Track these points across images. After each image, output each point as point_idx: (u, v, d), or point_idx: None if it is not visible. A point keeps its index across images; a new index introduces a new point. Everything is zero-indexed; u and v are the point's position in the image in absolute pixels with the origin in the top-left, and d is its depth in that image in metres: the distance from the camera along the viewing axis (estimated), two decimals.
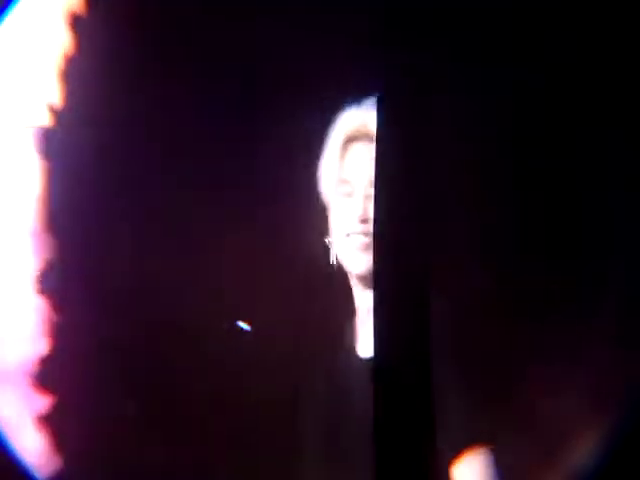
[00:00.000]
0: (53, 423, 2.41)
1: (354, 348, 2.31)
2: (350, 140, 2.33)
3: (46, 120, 2.49)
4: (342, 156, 2.33)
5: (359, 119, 2.33)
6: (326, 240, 2.34)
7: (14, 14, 2.44)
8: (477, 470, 2.08)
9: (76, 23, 2.48)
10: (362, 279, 2.28)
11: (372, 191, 2.26)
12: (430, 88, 1.86)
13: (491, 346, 2.21)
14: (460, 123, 2.40)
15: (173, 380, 2.47)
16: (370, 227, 2.24)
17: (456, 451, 2.07)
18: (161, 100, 2.51)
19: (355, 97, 2.35)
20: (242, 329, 2.53)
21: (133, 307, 2.47)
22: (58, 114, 2.49)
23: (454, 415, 2.05)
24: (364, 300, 2.29)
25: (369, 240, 2.23)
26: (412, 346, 1.80)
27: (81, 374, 2.42)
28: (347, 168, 2.32)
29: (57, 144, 2.49)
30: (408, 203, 1.85)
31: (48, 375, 2.43)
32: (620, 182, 2.41)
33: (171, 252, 2.49)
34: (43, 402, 2.42)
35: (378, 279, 1.85)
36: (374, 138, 2.28)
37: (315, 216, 2.37)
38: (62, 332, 2.44)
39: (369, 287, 2.26)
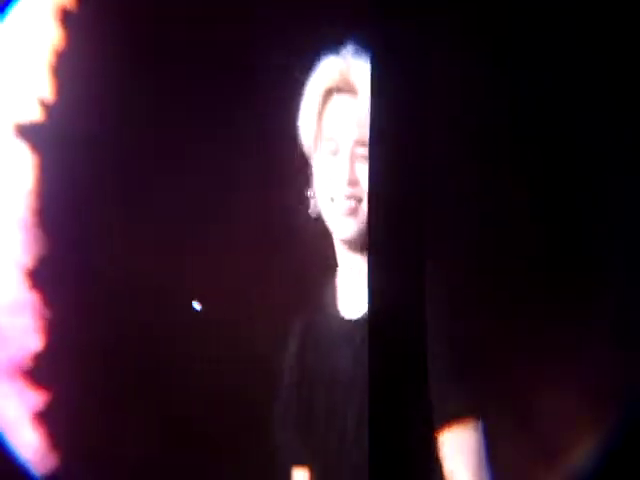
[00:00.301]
0: (48, 420, 2.40)
1: (335, 307, 2.25)
2: (330, 92, 2.19)
3: (38, 114, 2.45)
4: (322, 109, 2.19)
5: (340, 68, 2.19)
6: (307, 194, 2.25)
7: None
8: (463, 442, 2.06)
9: (67, 18, 2.45)
10: (347, 243, 2.18)
11: (359, 151, 2.16)
12: (429, 59, 1.75)
13: (487, 345, 2.18)
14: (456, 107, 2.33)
15: (169, 377, 2.45)
16: (357, 190, 2.14)
17: (443, 422, 2.05)
18: (152, 94, 2.45)
19: (336, 43, 2.22)
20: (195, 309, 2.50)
21: (125, 303, 2.44)
22: (49, 108, 2.45)
23: (443, 386, 2.01)
24: (348, 262, 2.21)
25: (355, 204, 2.14)
26: (407, 308, 1.74)
27: (74, 370, 2.40)
28: (329, 123, 2.18)
29: (48, 138, 2.44)
30: (406, 166, 1.75)
31: (42, 371, 2.41)
32: (620, 180, 2.37)
33: (163, 244, 2.46)
34: (37, 398, 2.40)
35: (374, 245, 1.76)
36: (356, 90, 2.18)
37: (297, 168, 2.28)
38: (55, 328, 2.42)
39: (355, 250, 2.18)
